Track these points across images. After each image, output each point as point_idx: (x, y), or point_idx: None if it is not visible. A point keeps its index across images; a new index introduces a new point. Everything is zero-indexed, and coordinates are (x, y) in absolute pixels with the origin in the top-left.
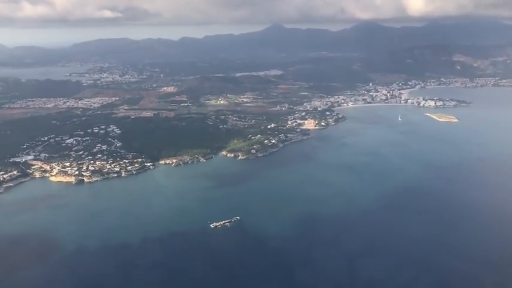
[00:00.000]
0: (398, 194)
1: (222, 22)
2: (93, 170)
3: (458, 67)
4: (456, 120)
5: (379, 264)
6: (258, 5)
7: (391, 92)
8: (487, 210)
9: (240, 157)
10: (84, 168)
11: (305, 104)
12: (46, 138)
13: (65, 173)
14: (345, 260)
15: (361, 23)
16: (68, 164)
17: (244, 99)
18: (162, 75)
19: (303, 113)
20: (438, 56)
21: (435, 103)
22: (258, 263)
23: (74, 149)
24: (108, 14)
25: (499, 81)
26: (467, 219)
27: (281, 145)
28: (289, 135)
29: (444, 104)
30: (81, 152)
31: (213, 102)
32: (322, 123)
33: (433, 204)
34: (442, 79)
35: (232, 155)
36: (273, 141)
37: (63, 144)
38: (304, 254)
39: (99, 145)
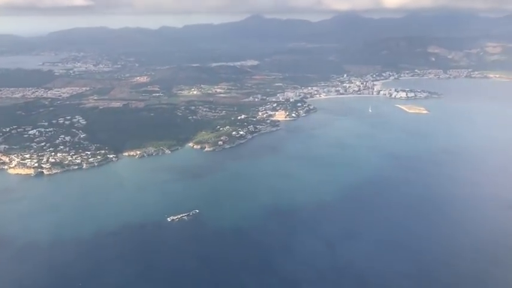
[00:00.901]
0: (361, 185)
1: (197, 11)
2: (53, 162)
3: (433, 58)
4: (426, 112)
5: (338, 256)
6: None
7: (364, 83)
8: (448, 201)
9: (206, 149)
10: (45, 160)
11: (278, 95)
12: (8, 129)
13: (24, 165)
14: (304, 253)
15: (340, 14)
16: (27, 156)
17: (218, 90)
18: (136, 65)
19: (275, 104)
20: (413, 48)
21: (406, 94)
22: (208, 256)
23: (35, 140)
24: (79, 1)
25: (471, 73)
26: (427, 210)
27: (249, 136)
28: (258, 126)
29: (415, 96)
30: (43, 144)
31: (185, 92)
32: (293, 115)
33: (392, 195)
34: (416, 70)
35: (199, 146)
36: (241, 132)
37: (25, 136)
38: (260, 246)
39: (62, 136)
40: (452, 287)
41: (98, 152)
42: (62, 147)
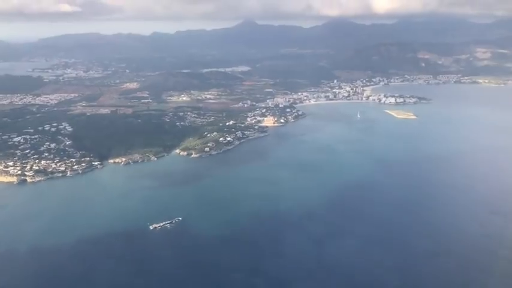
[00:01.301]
0: (346, 191)
1: (189, 17)
2: (37, 170)
3: (423, 64)
4: (414, 117)
5: (323, 261)
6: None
7: (354, 88)
8: (432, 206)
9: (193, 155)
10: (28, 167)
11: (268, 100)
12: None
13: (7, 173)
14: (289, 260)
15: (332, 20)
16: (11, 164)
17: (208, 96)
18: (127, 71)
19: (264, 110)
20: (404, 53)
21: (395, 100)
22: (189, 265)
23: (20, 147)
24: (66, 7)
25: (461, 78)
26: (411, 215)
27: (237, 142)
28: (246, 132)
29: (404, 101)
30: (27, 151)
31: (175, 98)
32: (281, 120)
33: (377, 201)
34: (406, 76)
35: (186, 153)
36: (229, 138)
37: (10, 143)
38: (244, 254)
39: (47, 143)
40: None
41: (82, 159)
42: (46, 154)
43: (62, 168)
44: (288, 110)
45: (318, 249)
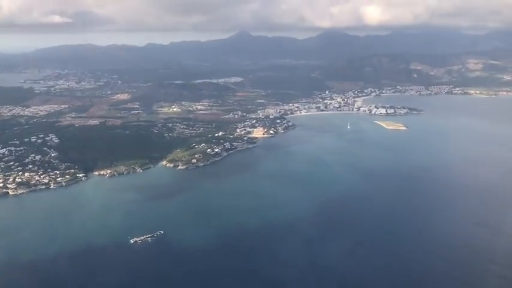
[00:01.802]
0: (333, 204)
1: (180, 28)
2: (19, 182)
3: (415, 75)
4: (404, 128)
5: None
6: (212, 12)
7: (345, 99)
8: (418, 218)
9: (179, 167)
10: (11, 179)
11: (259, 111)
12: None
13: None
14: (272, 275)
15: (326, 31)
16: None
17: (199, 107)
18: (119, 82)
19: (254, 121)
20: (396, 64)
21: (386, 111)
22: (163, 279)
23: (4, 159)
24: (57, 19)
25: (452, 89)
26: (397, 227)
27: (225, 154)
28: (234, 143)
29: (395, 112)
30: (11, 163)
31: (165, 109)
32: (271, 132)
33: (364, 213)
34: (398, 87)
35: (172, 165)
36: (216, 150)
37: None
38: (225, 269)
39: (32, 155)
40: None
41: (67, 171)
42: (30, 166)
43: (46, 181)
44: (278, 121)
45: (304, 263)
